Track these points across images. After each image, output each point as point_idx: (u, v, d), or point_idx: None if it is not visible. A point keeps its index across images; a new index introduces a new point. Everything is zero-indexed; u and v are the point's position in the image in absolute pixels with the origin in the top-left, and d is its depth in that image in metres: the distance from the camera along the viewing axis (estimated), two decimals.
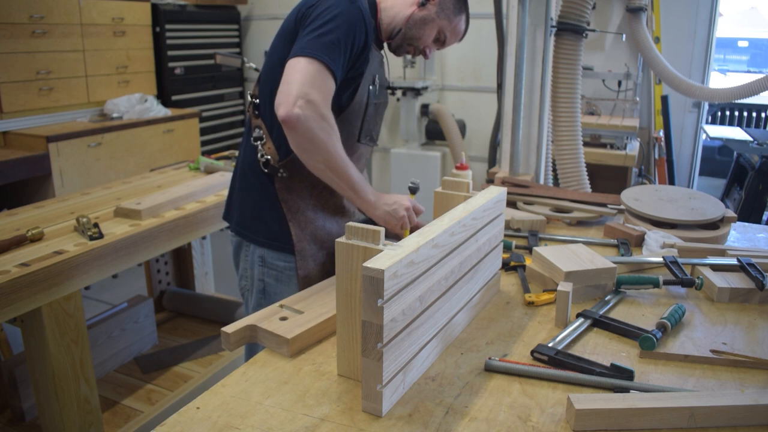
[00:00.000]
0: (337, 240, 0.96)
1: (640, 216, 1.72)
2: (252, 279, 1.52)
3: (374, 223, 1.36)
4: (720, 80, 6.83)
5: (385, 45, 1.56)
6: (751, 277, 1.33)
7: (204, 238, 3.08)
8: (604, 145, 3.55)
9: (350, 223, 0.95)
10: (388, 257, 0.87)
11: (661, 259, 1.42)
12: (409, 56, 1.58)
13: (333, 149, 1.28)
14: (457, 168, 1.57)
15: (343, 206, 1.54)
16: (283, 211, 1.45)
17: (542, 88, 2.31)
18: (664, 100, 4.06)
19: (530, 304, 1.28)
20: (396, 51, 1.55)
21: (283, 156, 1.42)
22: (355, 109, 1.44)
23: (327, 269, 1.52)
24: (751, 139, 3.84)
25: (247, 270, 1.53)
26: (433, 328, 1.03)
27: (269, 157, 1.43)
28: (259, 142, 1.45)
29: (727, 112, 6.14)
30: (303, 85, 1.21)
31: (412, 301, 0.93)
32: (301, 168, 1.40)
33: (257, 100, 1.46)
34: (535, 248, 1.41)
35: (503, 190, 1.28)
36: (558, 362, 1.04)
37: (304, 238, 1.46)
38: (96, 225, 1.86)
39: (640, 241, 1.60)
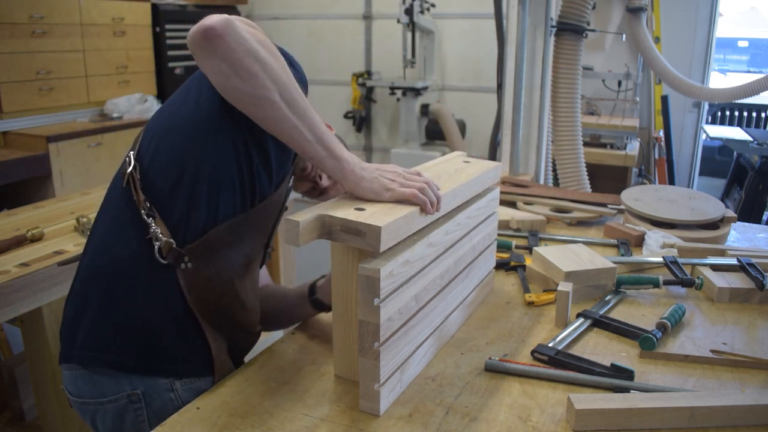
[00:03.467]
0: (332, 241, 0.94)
1: (640, 216, 1.72)
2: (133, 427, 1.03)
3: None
4: (720, 80, 6.83)
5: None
6: (751, 277, 1.33)
7: None
8: (604, 145, 3.56)
9: None
10: (384, 257, 0.87)
11: (661, 259, 1.42)
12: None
13: (285, 72, 0.90)
14: None
15: (241, 321, 1.10)
16: (194, 317, 1.00)
17: (542, 88, 2.31)
18: (664, 100, 4.06)
19: (530, 304, 1.28)
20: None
21: (190, 236, 0.99)
22: (274, 202, 1.07)
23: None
24: (751, 139, 3.84)
25: (115, 423, 1.02)
26: (428, 327, 1.03)
27: (165, 239, 0.97)
28: (151, 220, 0.98)
29: (727, 112, 6.14)
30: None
31: (408, 299, 0.93)
32: (215, 252, 1.01)
33: (139, 165, 1.02)
34: (535, 248, 1.41)
35: (497, 187, 1.29)
36: (558, 362, 1.03)
37: (222, 349, 1.06)
38: None
39: (640, 241, 1.60)
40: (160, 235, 0.98)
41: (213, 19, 0.85)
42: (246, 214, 1.03)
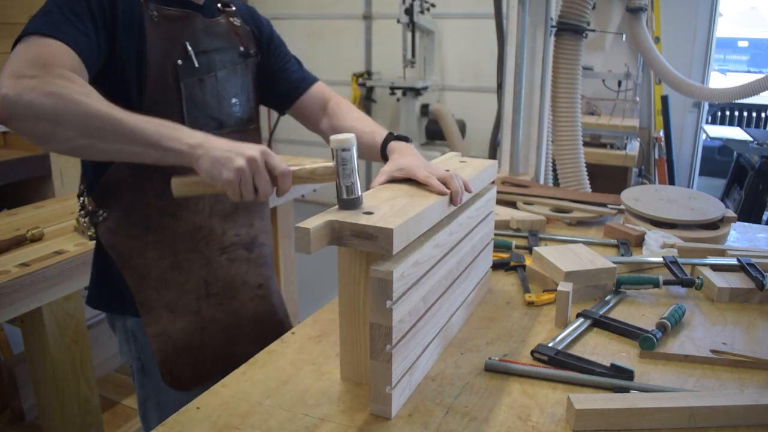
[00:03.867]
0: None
1: (640, 216, 1.72)
2: (130, 355, 1.25)
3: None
4: (720, 80, 6.83)
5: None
6: (751, 277, 1.33)
7: None
8: (604, 145, 3.56)
9: None
10: (395, 259, 0.86)
11: (661, 259, 1.42)
12: None
13: (78, 107, 0.88)
14: None
15: (200, 226, 1.19)
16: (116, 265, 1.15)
17: (542, 88, 2.32)
18: (664, 100, 4.07)
19: (530, 304, 1.28)
20: None
21: (94, 192, 1.14)
22: (159, 99, 1.09)
23: (200, 320, 1.20)
24: (751, 139, 3.85)
25: (123, 344, 1.26)
26: (434, 328, 1.03)
27: (90, 207, 1.16)
28: (83, 198, 1.18)
29: (727, 112, 6.14)
30: (7, 69, 0.88)
31: (417, 301, 0.93)
32: (119, 196, 1.12)
33: None
34: (535, 248, 1.41)
35: (494, 187, 1.29)
36: (558, 362, 1.03)
37: (147, 285, 1.15)
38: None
39: (640, 241, 1.60)
40: (86, 207, 1.17)
41: None
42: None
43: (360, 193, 0.92)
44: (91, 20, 0.99)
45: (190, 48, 1.11)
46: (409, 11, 4.02)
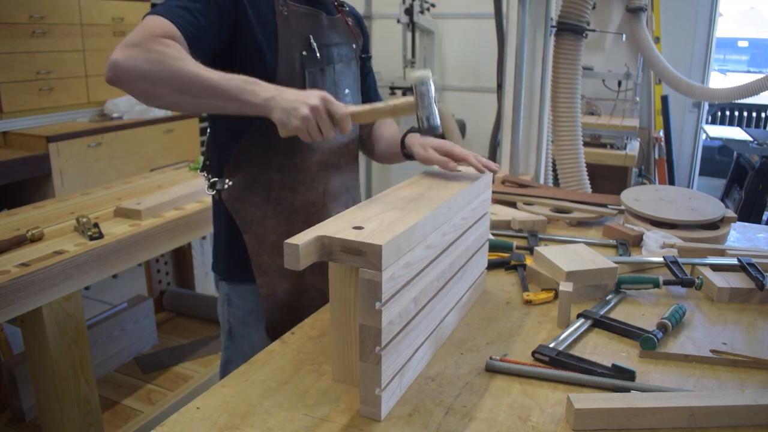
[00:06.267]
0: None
1: (640, 216, 1.72)
2: (222, 318, 1.37)
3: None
4: (720, 80, 6.83)
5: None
6: (751, 277, 1.33)
7: (204, 238, 3.08)
8: (604, 145, 3.56)
9: None
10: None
11: (661, 259, 1.42)
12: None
13: (170, 68, 1.01)
14: None
15: (313, 202, 1.31)
16: (239, 228, 1.28)
17: (542, 88, 2.32)
18: (664, 100, 4.07)
19: (528, 302, 1.28)
20: None
21: (222, 162, 1.28)
22: (288, 84, 1.16)
23: (302, 283, 1.32)
24: (751, 139, 3.85)
25: (219, 306, 1.39)
26: (426, 330, 1.03)
27: (215, 179, 1.29)
28: (205, 173, 1.32)
29: (727, 112, 6.14)
30: (122, 41, 1.03)
31: (408, 302, 0.93)
32: (245, 169, 1.26)
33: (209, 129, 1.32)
34: (537, 248, 1.41)
35: (488, 188, 1.29)
36: (559, 363, 1.03)
37: (263, 250, 1.28)
38: (96, 225, 1.86)
39: (638, 241, 1.60)
40: (212, 179, 1.28)
41: (108, 69, 1.01)
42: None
43: (439, 122, 1.08)
44: (206, 7, 1.11)
45: (313, 41, 1.25)
46: (409, 11, 4.02)
